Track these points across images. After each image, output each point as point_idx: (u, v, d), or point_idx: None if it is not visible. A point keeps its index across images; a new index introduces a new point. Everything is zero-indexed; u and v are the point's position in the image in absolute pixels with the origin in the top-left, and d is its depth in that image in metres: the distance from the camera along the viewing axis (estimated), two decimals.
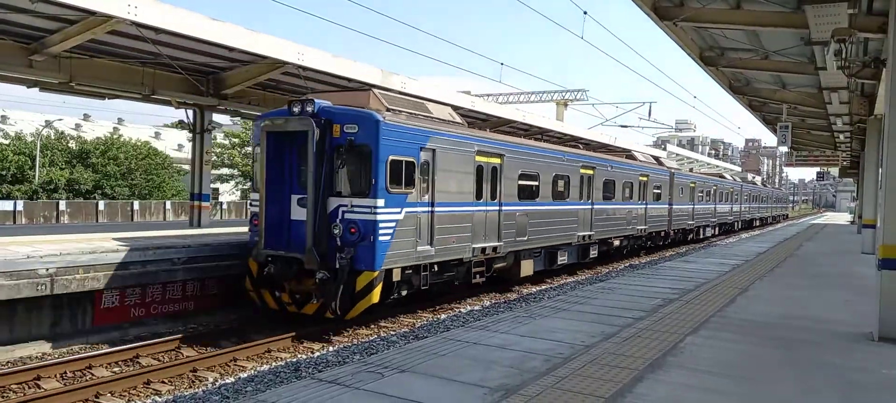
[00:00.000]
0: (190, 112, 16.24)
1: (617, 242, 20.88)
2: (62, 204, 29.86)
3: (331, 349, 9.98)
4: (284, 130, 10.65)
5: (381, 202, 10.21)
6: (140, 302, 10.69)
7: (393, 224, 10.46)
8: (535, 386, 4.65)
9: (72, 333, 9.78)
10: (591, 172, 18.56)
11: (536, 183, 15.42)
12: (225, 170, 41.28)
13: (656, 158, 28.19)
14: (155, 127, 55.82)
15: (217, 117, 19.06)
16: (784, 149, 25.69)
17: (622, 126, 42.56)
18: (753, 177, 64.69)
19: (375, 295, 10.30)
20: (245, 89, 15.96)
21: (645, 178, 23.30)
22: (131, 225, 21.77)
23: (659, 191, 24.87)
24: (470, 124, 16.81)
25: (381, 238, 10.19)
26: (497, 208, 13.61)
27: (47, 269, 9.17)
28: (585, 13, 20.69)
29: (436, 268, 11.81)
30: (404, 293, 11.16)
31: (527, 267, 15.20)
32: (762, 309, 8.12)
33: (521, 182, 14.61)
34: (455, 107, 15.90)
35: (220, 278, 11.81)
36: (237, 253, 11.83)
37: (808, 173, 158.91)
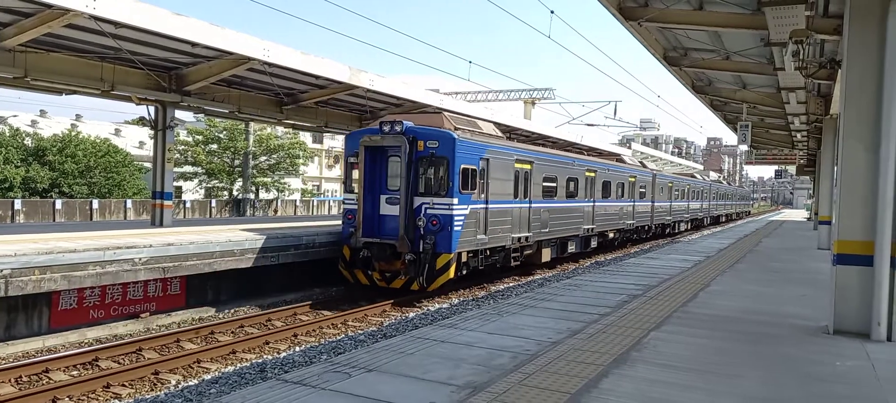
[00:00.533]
0: (151, 108, 15.85)
1: (611, 234, 24.12)
2: (18, 203, 28.86)
3: (297, 349, 9.89)
4: (379, 145, 13.54)
5: (455, 201, 13.18)
6: (100, 303, 10.42)
7: (463, 217, 13.47)
8: (503, 383, 4.67)
9: (27, 335, 9.48)
10: (593, 175, 21.68)
11: (555, 184, 18.57)
12: (188, 168, 40.45)
13: (642, 162, 32.24)
14: (115, 123, 54.39)
15: (180, 114, 18.67)
16: (744, 147, 26.37)
17: (589, 124, 43.18)
18: (719, 177, 67.17)
19: (452, 272, 13.21)
20: (209, 85, 15.66)
21: (633, 179, 26.58)
22: (91, 225, 21.16)
23: (644, 190, 28.32)
24: None
25: (455, 228, 13.20)
26: (528, 205, 16.59)
27: (1, 270, 8.86)
28: (552, 12, 20.89)
29: (487, 253, 14.86)
30: (464, 272, 13.98)
31: (546, 254, 18.19)
32: (723, 303, 8.31)
33: (544, 184, 17.74)
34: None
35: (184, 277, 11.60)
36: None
37: (767, 171, 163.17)
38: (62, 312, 9.91)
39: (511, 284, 17.30)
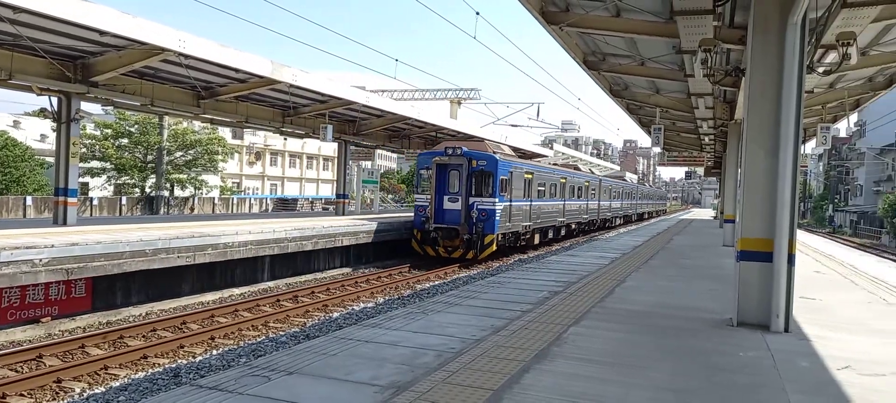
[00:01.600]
0: (54, 99, 14.83)
1: (573, 226, 31.78)
2: None
3: (215, 353, 9.53)
4: (445, 163, 20.35)
5: (496, 200, 20.13)
6: None
7: (500, 211, 20.43)
8: (427, 382, 4.68)
9: None
10: (564, 181, 29.45)
11: (544, 188, 26.15)
12: (96, 164, 38.08)
13: (590, 170, 42.90)
14: (14, 115, 50.47)
15: (87, 106, 17.55)
16: (657, 149, 27.65)
17: (513, 125, 44.12)
18: (642, 179, 73.83)
19: (494, 247, 20.23)
20: (118, 77, 14.84)
21: (587, 184, 34.63)
22: None
23: (594, 192, 36.12)
24: (365, 119, 24.83)
25: (496, 219, 20.11)
26: (529, 203, 23.82)
27: None
28: (478, 14, 21.11)
29: (510, 236, 21.91)
30: (495, 248, 20.45)
31: (537, 239, 25.50)
32: (638, 298, 8.67)
33: (538, 188, 24.98)
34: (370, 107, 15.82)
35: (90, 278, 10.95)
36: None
37: (678, 172, 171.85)
38: None
39: (437, 283, 17.39)
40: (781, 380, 4.97)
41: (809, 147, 36.69)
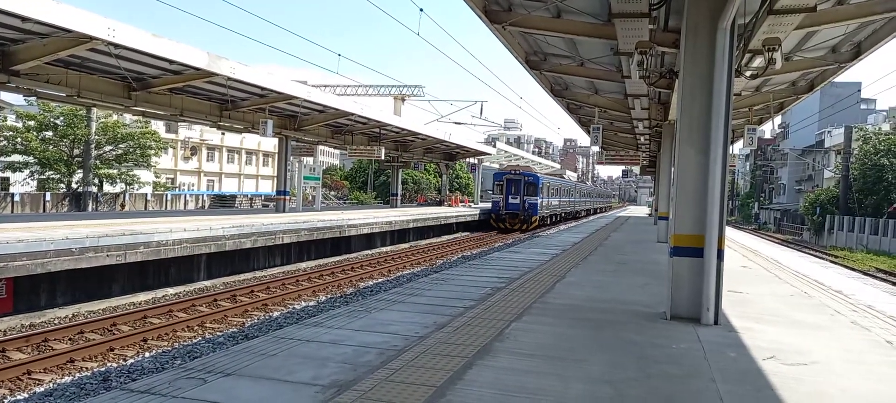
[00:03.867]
0: None
1: (563, 214, 48.37)
2: None
3: (147, 355, 9.19)
4: (511, 178, 38.13)
5: (538, 198, 37.86)
6: None
7: (539, 204, 38.32)
8: (369, 381, 4.65)
9: None
10: (560, 186, 47.82)
11: (550, 190, 42.54)
12: (18, 158, 35.91)
13: (567, 175, 64.11)
14: None
15: (7, 97, 16.57)
16: (596, 148, 28.37)
17: (456, 123, 44.48)
18: (582, 177, 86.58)
19: (537, 223, 38.26)
20: (42, 66, 14.07)
21: (570, 188, 54.49)
22: None
23: (568, 191, 52.56)
24: (306, 114, 24.57)
25: (537, 209, 37.91)
26: (547, 200, 41.12)
27: None
28: (422, 11, 21.09)
29: (545, 217, 40.89)
30: (537, 224, 38.39)
31: (545, 222, 41.13)
32: (577, 293, 8.88)
33: (549, 189, 41.86)
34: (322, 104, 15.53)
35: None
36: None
37: (616, 170, 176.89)
38: None
39: (380, 280, 17.29)
40: (711, 371, 5.19)
41: (737, 147, 38.42)
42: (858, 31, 10.92)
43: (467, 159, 50.49)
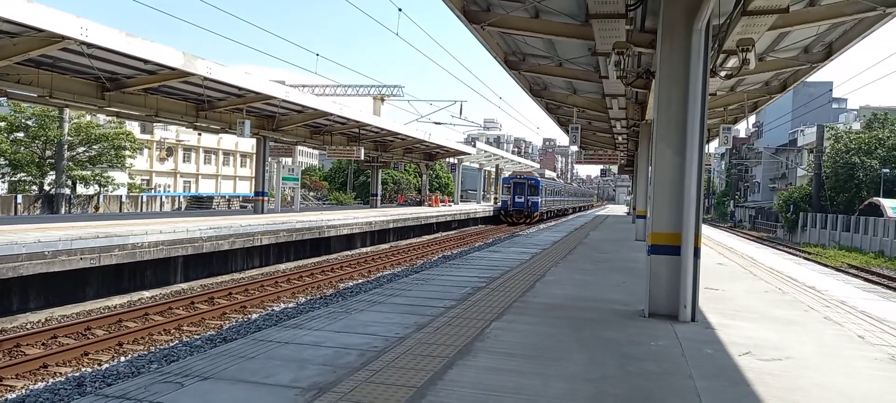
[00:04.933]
0: None
1: (554, 211, 55.77)
2: None
3: (123, 359, 9.04)
4: (517, 181, 47.04)
5: (539, 197, 46.75)
6: None
7: (541, 202, 47.49)
8: (350, 382, 4.62)
9: None
10: (551, 187, 55.95)
11: (548, 190, 52.26)
12: None
13: (559, 178, 78.64)
14: None
15: None
16: (575, 148, 28.63)
17: (436, 123, 44.66)
18: (561, 176, 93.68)
19: (537, 218, 46.96)
20: (13, 66, 13.77)
21: (559, 189, 62.73)
22: None
23: (559, 192, 61.12)
24: (285, 114, 24.40)
25: (539, 206, 46.84)
26: (545, 199, 49.72)
27: None
28: (400, 11, 21.05)
29: (544, 214, 50.13)
30: (538, 219, 47.40)
31: (543, 217, 48.77)
32: (557, 292, 8.93)
33: (548, 189, 52.86)
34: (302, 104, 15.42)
35: None
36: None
37: (594, 170, 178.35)
38: None
39: (361, 281, 17.22)
40: (689, 367, 5.26)
41: (713, 146, 38.98)
42: (830, 32, 11.14)
43: (447, 159, 50.55)
